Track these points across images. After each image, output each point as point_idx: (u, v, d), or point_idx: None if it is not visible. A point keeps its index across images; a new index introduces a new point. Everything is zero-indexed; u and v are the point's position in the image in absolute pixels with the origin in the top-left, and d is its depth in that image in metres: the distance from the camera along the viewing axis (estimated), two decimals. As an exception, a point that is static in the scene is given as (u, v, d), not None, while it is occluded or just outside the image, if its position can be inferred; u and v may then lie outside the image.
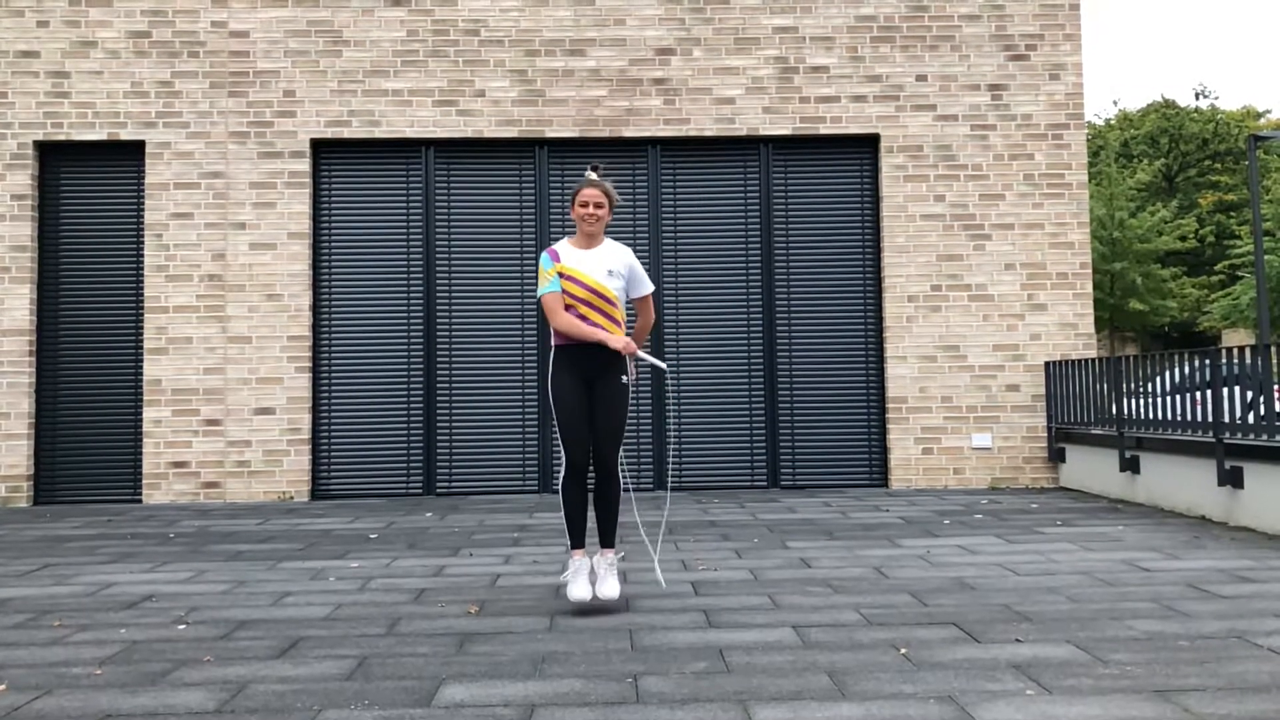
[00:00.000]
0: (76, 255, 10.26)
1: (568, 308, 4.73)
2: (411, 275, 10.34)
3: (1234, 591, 5.00)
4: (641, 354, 4.80)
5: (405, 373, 10.25)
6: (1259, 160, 35.47)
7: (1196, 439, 7.69)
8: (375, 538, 7.30)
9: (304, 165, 10.18)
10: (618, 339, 4.69)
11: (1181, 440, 7.89)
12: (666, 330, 10.28)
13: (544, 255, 4.82)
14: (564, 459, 4.76)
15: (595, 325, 4.72)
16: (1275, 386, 6.94)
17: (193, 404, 9.94)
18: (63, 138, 10.14)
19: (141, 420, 10.02)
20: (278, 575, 5.87)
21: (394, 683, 3.68)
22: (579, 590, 4.67)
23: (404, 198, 10.41)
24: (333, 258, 10.34)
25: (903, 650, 4.01)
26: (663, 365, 5.08)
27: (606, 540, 4.85)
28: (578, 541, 4.78)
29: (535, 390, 10.21)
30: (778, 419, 10.27)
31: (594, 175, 4.87)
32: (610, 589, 4.69)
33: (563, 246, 4.86)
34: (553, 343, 4.82)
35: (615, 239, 10.19)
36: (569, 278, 4.75)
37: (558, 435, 4.81)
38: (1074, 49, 10.46)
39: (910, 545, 6.60)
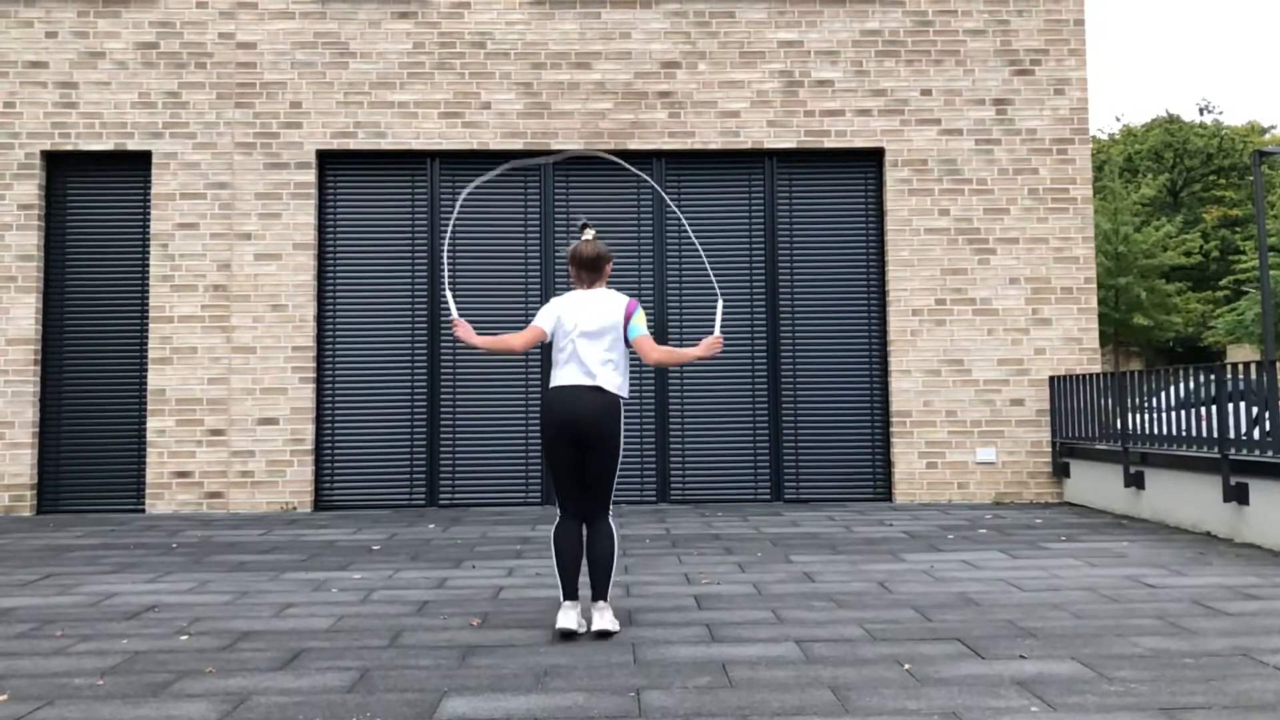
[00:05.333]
0: (82, 265, 10.29)
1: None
2: (416, 286, 10.35)
3: (1240, 609, 4.98)
4: None
5: (409, 384, 10.26)
6: (1264, 176, 35.46)
7: (1202, 455, 7.66)
8: (378, 549, 7.29)
9: (310, 176, 10.21)
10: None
11: (1186, 456, 7.87)
12: (670, 343, 10.27)
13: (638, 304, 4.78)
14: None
15: None
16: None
17: (196, 414, 9.95)
18: (70, 148, 10.18)
19: (145, 430, 10.02)
20: (280, 586, 5.86)
21: (396, 695, 3.67)
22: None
23: (409, 209, 10.43)
24: (338, 269, 10.36)
25: (906, 666, 3.99)
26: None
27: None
28: None
29: (539, 402, 10.20)
30: (781, 432, 10.26)
31: (590, 235, 4.80)
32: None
33: None
34: (625, 394, 4.69)
35: (622, 254, 10.25)
36: None
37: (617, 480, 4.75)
38: (1079, 64, 10.47)
39: (914, 560, 6.59)
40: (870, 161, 10.53)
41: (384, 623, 4.86)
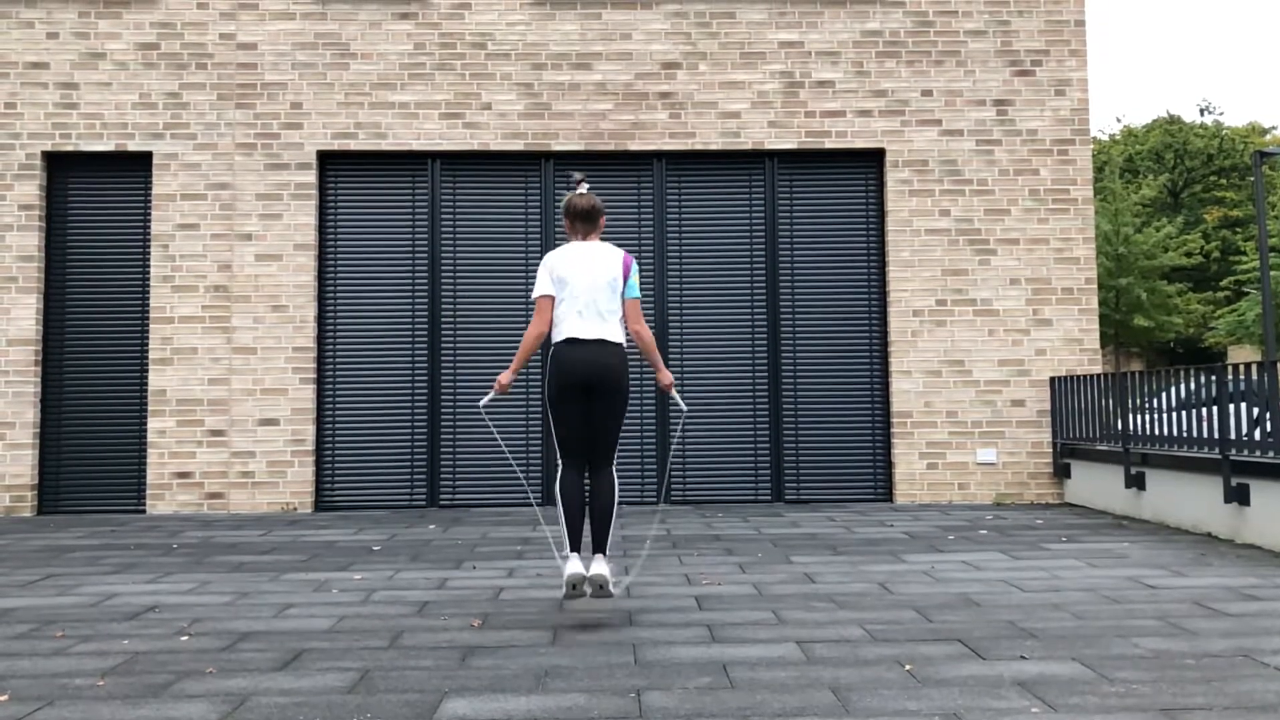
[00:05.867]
0: (83, 265, 10.29)
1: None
2: (416, 287, 10.36)
3: (1241, 609, 4.98)
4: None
5: (409, 384, 10.26)
6: (1264, 176, 35.46)
7: (1202, 455, 7.66)
8: (378, 550, 7.29)
9: (310, 177, 10.21)
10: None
11: (1187, 457, 7.87)
12: (671, 343, 10.28)
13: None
14: None
15: None
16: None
17: (197, 414, 9.95)
18: (71, 148, 10.18)
19: (146, 430, 10.02)
20: (280, 587, 5.86)
21: (396, 696, 3.67)
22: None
23: (410, 210, 10.43)
24: (338, 269, 10.36)
25: (907, 667, 3.99)
26: None
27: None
28: None
29: (539, 402, 10.20)
30: (782, 433, 10.26)
31: (585, 188, 5.07)
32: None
33: None
34: (626, 343, 4.94)
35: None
36: None
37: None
38: (1079, 64, 10.47)
39: (915, 561, 6.58)
40: (871, 162, 10.53)
41: (384, 623, 4.86)
